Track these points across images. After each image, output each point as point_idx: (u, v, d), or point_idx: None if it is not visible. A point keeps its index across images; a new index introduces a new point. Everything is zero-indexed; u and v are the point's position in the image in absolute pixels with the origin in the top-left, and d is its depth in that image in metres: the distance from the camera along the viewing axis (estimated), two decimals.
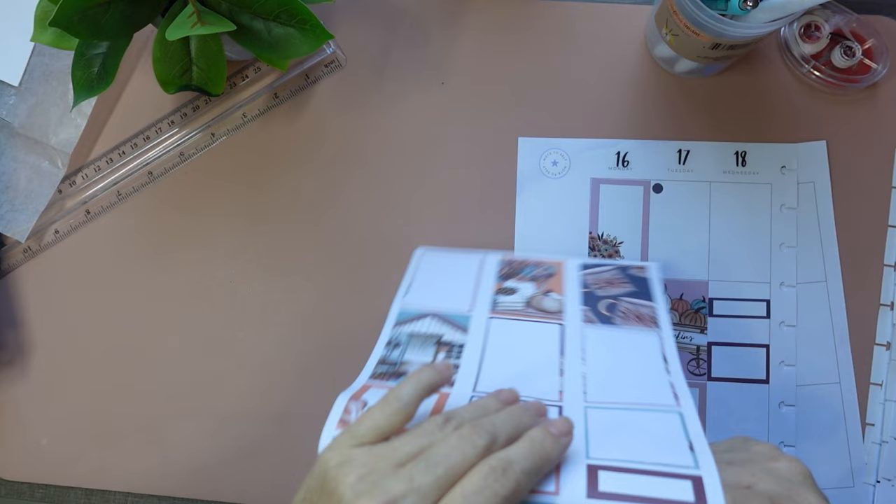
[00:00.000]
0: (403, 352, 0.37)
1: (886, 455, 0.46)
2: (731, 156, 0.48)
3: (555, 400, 0.34)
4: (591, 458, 0.29)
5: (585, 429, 0.31)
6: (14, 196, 0.49)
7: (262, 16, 0.40)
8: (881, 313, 0.47)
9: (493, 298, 0.42)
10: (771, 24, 0.39)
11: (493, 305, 0.41)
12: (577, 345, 0.38)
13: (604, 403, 0.33)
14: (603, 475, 0.28)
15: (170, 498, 0.48)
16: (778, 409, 0.47)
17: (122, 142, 0.50)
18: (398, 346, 0.38)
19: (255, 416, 0.48)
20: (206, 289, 0.49)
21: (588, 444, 0.30)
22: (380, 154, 0.49)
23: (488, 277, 0.44)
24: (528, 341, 0.38)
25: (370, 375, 0.35)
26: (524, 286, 0.43)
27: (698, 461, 0.29)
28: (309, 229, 0.49)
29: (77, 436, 0.48)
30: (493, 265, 0.45)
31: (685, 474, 0.28)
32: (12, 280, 0.50)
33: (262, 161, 0.50)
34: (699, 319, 0.47)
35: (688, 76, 0.49)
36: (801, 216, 0.48)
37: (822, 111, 0.48)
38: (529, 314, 0.40)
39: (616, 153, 0.49)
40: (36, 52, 0.49)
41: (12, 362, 0.49)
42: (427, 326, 0.39)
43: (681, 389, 0.34)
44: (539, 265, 0.45)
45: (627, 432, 0.31)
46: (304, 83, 0.50)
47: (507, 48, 0.50)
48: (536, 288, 0.42)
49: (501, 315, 0.40)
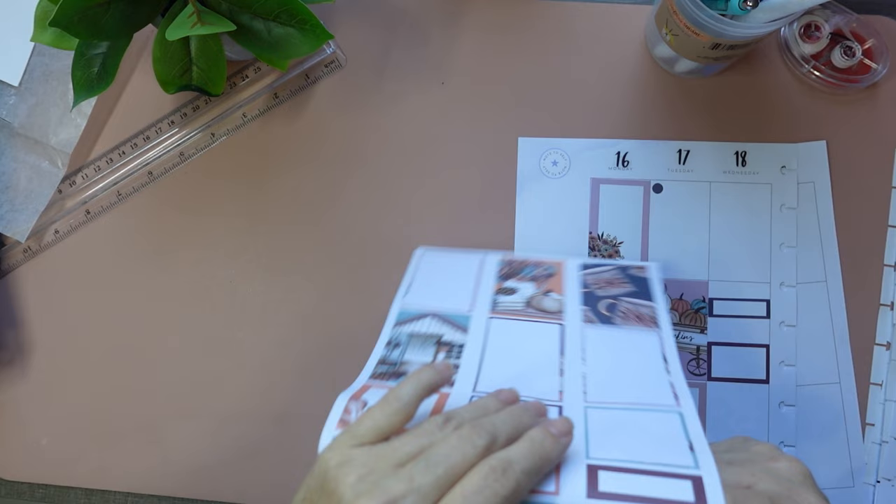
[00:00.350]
0: (403, 352, 0.37)
1: (886, 455, 0.46)
2: (731, 156, 0.48)
3: (555, 400, 0.34)
4: (591, 458, 0.29)
5: (585, 429, 0.31)
6: (14, 196, 0.49)
7: (262, 16, 0.40)
8: (881, 313, 0.47)
9: (493, 298, 0.42)
10: (771, 24, 0.39)
11: (493, 305, 0.41)
12: (577, 345, 0.38)
13: (604, 403, 0.33)
14: (603, 475, 0.28)
15: (170, 498, 0.48)
16: (778, 409, 0.47)
17: (122, 142, 0.50)
18: (398, 346, 0.38)
19: (255, 416, 0.48)
20: (206, 289, 0.49)
21: (588, 444, 0.30)
22: (380, 154, 0.49)
23: (488, 277, 0.44)
24: (528, 341, 0.38)
25: (370, 375, 0.35)
26: (524, 286, 0.43)
27: (698, 461, 0.29)
28: (309, 229, 0.49)
29: (77, 436, 0.48)
30: (492, 265, 0.45)
31: (685, 474, 0.28)
32: (12, 280, 0.50)
33: (262, 161, 0.50)
34: (699, 319, 0.47)
35: (688, 76, 0.49)
36: (801, 216, 0.48)
37: (822, 111, 0.48)
38: (529, 314, 0.40)
39: (616, 153, 0.49)
40: (36, 52, 0.49)
41: (12, 362, 0.49)
42: (427, 326, 0.39)
43: (681, 389, 0.34)
44: (539, 265, 0.45)
45: (627, 432, 0.31)
46: (304, 83, 0.50)
47: (507, 48, 0.50)
48: (536, 288, 0.42)
49: (501, 315, 0.40)
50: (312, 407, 0.48)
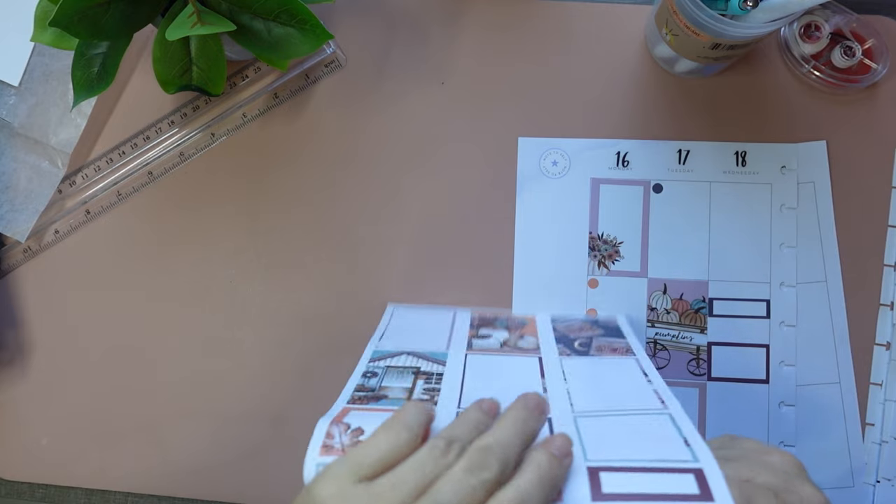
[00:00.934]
0: (381, 380, 0.36)
1: (886, 455, 0.46)
2: (731, 156, 0.48)
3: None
4: (590, 460, 0.29)
5: (579, 436, 0.31)
6: (14, 196, 0.49)
7: (262, 16, 0.40)
8: (881, 313, 0.47)
9: (469, 341, 0.42)
10: (771, 24, 0.39)
11: (470, 346, 0.41)
12: (558, 369, 0.38)
13: (592, 412, 0.33)
14: (605, 476, 0.28)
15: (170, 498, 0.48)
16: (778, 409, 0.47)
17: (122, 142, 0.50)
18: (375, 376, 0.37)
19: (255, 416, 0.48)
20: (206, 289, 0.49)
21: (584, 448, 0.30)
22: (380, 154, 0.49)
23: (462, 325, 0.44)
24: (507, 369, 0.38)
25: (348, 400, 0.34)
26: (498, 332, 0.43)
27: (696, 454, 0.29)
28: (309, 229, 0.49)
29: (77, 436, 0.48)
30: (465, 319, 0.45)
31: (686, 468, 0.28)
32: (12, 280, 0.50)
33: (262, 161, 0.50)
34: (699, 319, 0.47)
35: (688, 76, 0.49)
36: (801, 216, 0.48)
37: (822, 111, 0.48)
38: (506, 351, 0.40)
39: (616, 153, 0.49)
40: (36, 52, 0.49)
41: (12, 362, 0.49)
42: (404, 361, 0.38)
43: (665, 394, 0.34)
44: (511, 318, 0.46)
45: (621, 435, 0.31)
46: (304, 83, 0.50)
47: (507, 48, 0.50)
48: (510, 333, 0.43)
49: (478, 352, 0.40)
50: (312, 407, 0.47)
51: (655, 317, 0.47)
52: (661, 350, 0.47)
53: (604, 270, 0.48)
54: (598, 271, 0.48)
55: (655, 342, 0.47)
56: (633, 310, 0.48)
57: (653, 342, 0.47)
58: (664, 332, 0.47)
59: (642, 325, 0.47)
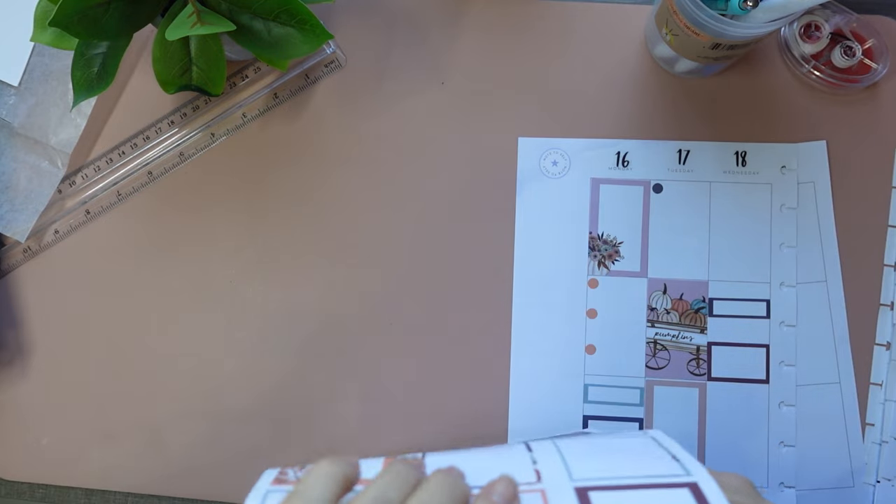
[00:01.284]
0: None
1: (886, 455, 0.46)
2: (731, 156, 0.48)
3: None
4: (576, 479, 0.27)
5: (561, 456, 0.29)
6: (14, 196, 0.49)
7: (262, 16, 0.40)
8: (881, 313, 0.47)
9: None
10: (771, 24, 0.39)
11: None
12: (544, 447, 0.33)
13: (573, 436, 0.32)
14: (595, 496, 0.26)
15: (170, 498, 0.48)
16: (778, 409, 0.47)
17: (122, 142, 0.50)
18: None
19: (255, 416, 0.48)
20: (206, 289, 0.49)
21: (568, 468, 0.28)
22: (380, 154, 0.49)
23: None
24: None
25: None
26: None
27: (687, 468, 0.27)
28: (309, 229, 0.49)
29: (77, 436, 0.48)
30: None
31: (679, 482, 0.26)
32: (12, 280, 0.50)
33: (262, 161, 0.50)
34: (699, 319, 0.47)
35: (688, 76, 0.49)
36: (801, 216, 0.48)
37: (822, 111, 0.48)
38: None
39: (616, 153, 0.49)
40: (36, 52, 0.49)
41: (12, 362, 0.49)
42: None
43: (647, 429, 0.33)
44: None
45: (605, 452, 0.29)
46: (304, 83, 0.50)
47: (507, 48, 0.50)
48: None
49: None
50: (312, 407, 0.48)
51: (655, 317, 0.47)
52: (661, 350, 0.47)
53: (604, 270, 0.48)
54: (598, 271, 0.48)
55: (655, 342, 0.47)
56: (633, 310, 0.48)
57: (653, 342, 0.47)
58: (664, 332, 0.47)
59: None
